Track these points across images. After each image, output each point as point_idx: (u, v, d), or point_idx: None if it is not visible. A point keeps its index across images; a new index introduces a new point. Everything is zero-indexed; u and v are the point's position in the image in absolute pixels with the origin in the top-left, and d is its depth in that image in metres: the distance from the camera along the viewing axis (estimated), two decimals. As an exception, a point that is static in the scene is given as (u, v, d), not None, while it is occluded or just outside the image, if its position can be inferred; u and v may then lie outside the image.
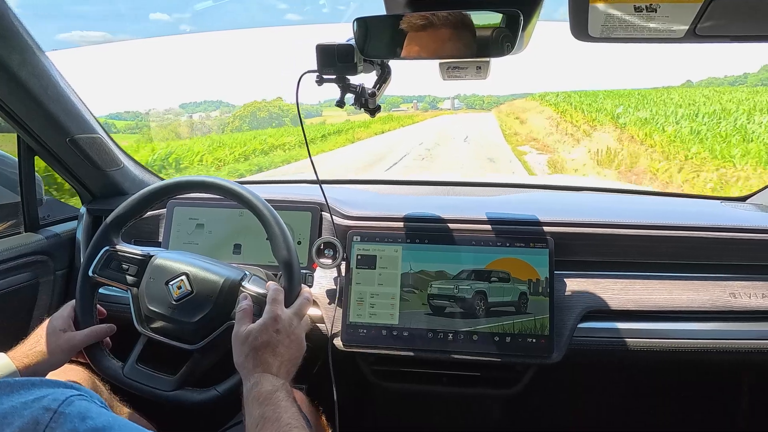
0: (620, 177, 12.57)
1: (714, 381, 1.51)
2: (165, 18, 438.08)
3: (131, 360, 1.01)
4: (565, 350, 1.12)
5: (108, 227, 1.05)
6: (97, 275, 1.03)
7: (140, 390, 0.99)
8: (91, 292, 1.04)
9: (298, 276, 0.99)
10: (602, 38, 0.75)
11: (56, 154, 1.31)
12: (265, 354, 0.86)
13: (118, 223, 1.06)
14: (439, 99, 78.23)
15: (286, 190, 1.48)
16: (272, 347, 0.87)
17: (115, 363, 1.02)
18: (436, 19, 0.83)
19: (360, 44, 0.90)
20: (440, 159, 18.18)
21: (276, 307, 0.92)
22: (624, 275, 1.20)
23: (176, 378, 0.99)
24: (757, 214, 1.36)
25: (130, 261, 1.03)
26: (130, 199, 1.05)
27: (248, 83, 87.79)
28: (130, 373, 1.00)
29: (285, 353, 0.88)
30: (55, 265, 1.37)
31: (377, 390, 1.29)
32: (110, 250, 1.04)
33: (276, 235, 0.99)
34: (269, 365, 0.86)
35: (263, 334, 0.88)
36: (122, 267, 1.03)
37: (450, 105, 73.01)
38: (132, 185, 1.50)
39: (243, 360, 0.87)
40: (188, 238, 1.33)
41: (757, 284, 1.18)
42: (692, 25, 0.69)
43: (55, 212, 1.47)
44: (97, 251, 1.04)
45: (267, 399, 0.80)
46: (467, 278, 1.16)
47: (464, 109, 68.01)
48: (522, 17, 0.79)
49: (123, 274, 1.03)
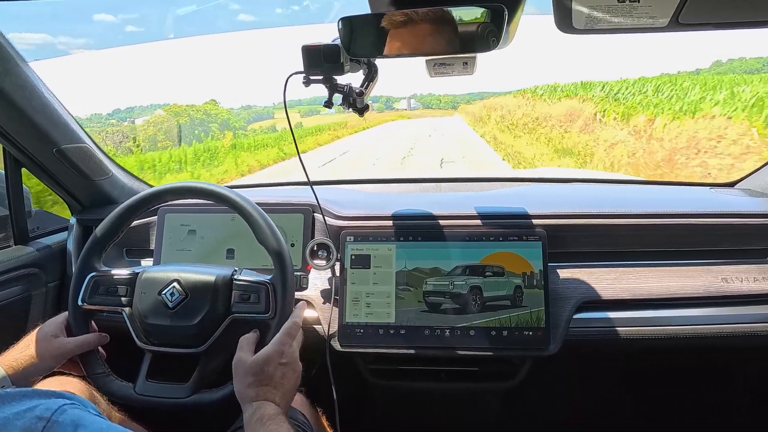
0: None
1: (709, 367, 1.53)
2: (110, 19, 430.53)
3: (141, 377, 0.99)
4: (561, 342, 1.13)
5: (88, 253, 1.04)
6: (86, 303, 1.01)
7: (156, 404, 0.98)
8: (84, 320, 1.02)
9: (291, 297, 0.99)
10: (587, 30, 0.76)
11: (43, 165, 1.30)
12: (269, 385, 0.86)
13: (98, 248, 1.05)
14: (395, 99, 76.59)
15: (277, 193, 1.48)
16: (277, 379, 0.87)
17: (122, 384, 1.00)
18: (416, 15, 0.83)
19: (346, 44, 0.89)
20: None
21: (288, 339, 0.91)
22: (617, 264, 1.21)
23: (190, 384, 0.98)
24: (746, 199, 1.38)
25: (118, 282, 1.02)
26: (104, 222, 1.04)
27: (195, 86, 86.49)
28: (142, 390, 0.98)
29: (286, 384, 0.88)
30: (47, 278, 1.36)
31: (376, 389, 1.29)
32: (95, 276, 1.02)
33: (257, 222, 0.99)
34: (272, 395, 0.85)
35: (269, 365, 0.87)
36: (111, 290, 1.02)
37: (406, 105, 71.73)
38: (121, 194, 1.48)
39: (245, 389, 0.86)
40: (180, 245, 1.32)
41: (748, 268, 1.20)
42: (674, 15, 0.70)
43: (45, 224, 1.46)
44: (82, 280, 1.02)
45: (271, 420, 0.80)
46: (462, 274, 1.17)
47: (421, 109, 67.06)
48: (506, 11, 0.80)
49: (113, 297, 1.02)
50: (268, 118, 46.65)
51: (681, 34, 0.79)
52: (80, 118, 1.25)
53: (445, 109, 57.53)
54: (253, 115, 48.99)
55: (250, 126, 39.69)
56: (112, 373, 1.01)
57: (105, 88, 64.64)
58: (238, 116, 42.83)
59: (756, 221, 1.21)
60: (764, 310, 1.17)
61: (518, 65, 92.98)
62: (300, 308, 0.99)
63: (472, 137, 26.30)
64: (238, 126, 34.57)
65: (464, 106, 52.28)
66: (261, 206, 1.02)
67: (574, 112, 17.15)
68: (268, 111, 51.42)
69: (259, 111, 51.40)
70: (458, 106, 60.54)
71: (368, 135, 33.32)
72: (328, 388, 1.10)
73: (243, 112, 51.25)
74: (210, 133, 27.73)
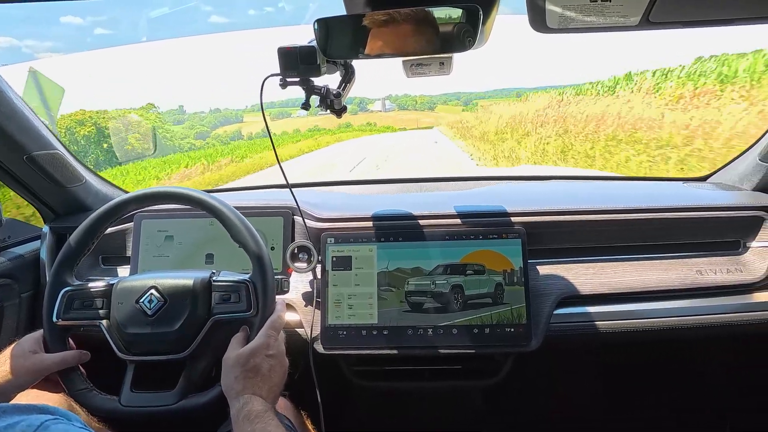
0: None
1: (689, 358, 1.56)
2: (78, 21, 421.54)
3: (126, 388, 0.97)
4: (542, 337, 1.14)
5: (59, 268, 1.01)
6: (62, 319, 0.99)
7: (143, 414, 0.96)
8: (61, 337, 1.00)
9: (272, 294, 0.98)
10: (560, 29, 0.77)
11: (13, 172, 1.27)
12: (255, 378, 0.85)
13: (70, 260, 1.02)
14: (369, 100, 73.91)
15: (256, 196, 1.47)
16: (264, 372, 0.86)
17: (106, 397, 0.97)
18: (398, 15, 0.84)
19: (322, 45, 0.89)
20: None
21: (274, 332, 0.91)
22: (595, 260, 1.24)
23: (176, 390, 0.96)
24: (718, 192, 1.41)
25: (93, 295, 1.00)
26: (76, 232, 1.02)
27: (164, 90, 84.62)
28: (128, 401, 0.96)
29: (274, 377, 0.88)
30: (20, 288, 1.32)
31: (360, 390, 1.28)
32: (69, 291, 1.00)
33: (233, 224, 0.99)
34: (259, 389, 0.85)
35: (255, 357, 0.87)
36: (86, 303, 1.00)
37: (381, 106, 69.12)
38: (95, 200, 1.45)
39: (231, 382, 0.86)
40: (158, 251, 1.30)
41: (721, 260, 1.23)
42: (645, 13, 0.71)
43: (17, 233, 1.42)
44: (55, 295, 1.00)
45: (259, 417, 0.79)
46: (443, 273, 1.17)
47: (396, 110, 65.11)
48: (481, 11, 0.80)
49: (90, 310, 1.00)
50: (237, 121, 45.26)
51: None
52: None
53: (422, 110, 56.64)
54: (221, 119, 47.79)
55: (215, 131, 38.25)
56: (95, 388, 0.99)
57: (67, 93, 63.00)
58: (202, 121, 40.53)
59: (727, 214, 1.24)
60: (737, 300, 1.20)
61: (495, 65, 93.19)
62: (282, 303, 0.99)
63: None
64: (199, 131, 31.92)
65: (441, 108, 49.92)
66: (240, 210, 1.01)
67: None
68: (238, 114, 50.09)
69: (227, 114, 50.18)
70: (435, 107, 59.79)
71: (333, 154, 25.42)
72: (312, 392, 1.09)
73: (209, 116, 49.80)
74: (125, 145, 23.81)
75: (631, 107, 11.50)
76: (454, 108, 57.22)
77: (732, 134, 7.77)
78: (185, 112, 52.95)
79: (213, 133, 37.56)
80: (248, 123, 37.76)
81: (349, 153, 24.63)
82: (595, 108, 13.06)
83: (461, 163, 17.33)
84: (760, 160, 1.30)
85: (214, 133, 37.52)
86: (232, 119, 46.79)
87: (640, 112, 10.96)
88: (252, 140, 32.76)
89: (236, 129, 37.75)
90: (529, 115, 17.03)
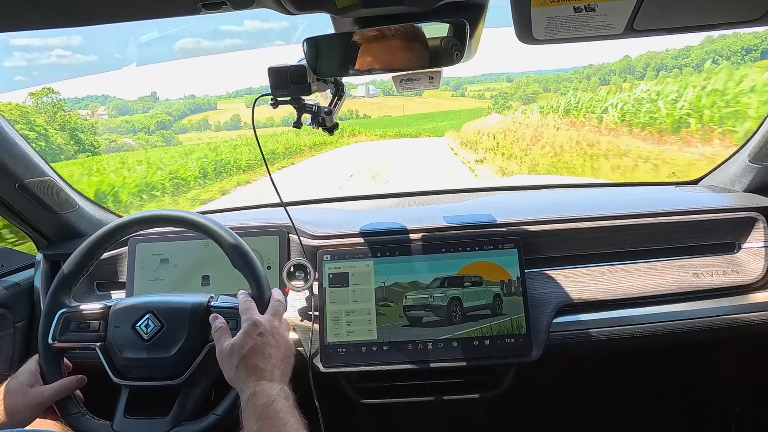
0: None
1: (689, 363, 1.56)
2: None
3: (119, 414, 0.96)
4: (543, 346, 1.14)
5: (56, 290, 1.01)
6: (57, 341, 0.98)
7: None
8: (55, 360, 0.99)
9: (265, 281, 0.98)
10: (547, 40, 0.78)
11: (6, 201, 1.26)
12: (255, 360, 0.85)
13: (67, 283, 1.02)
14: (352, 85, 74.21)
15: (251, 216, 1.46)
16: (260, 351, 0.86)
17: (99, 422, 0.96)
18: (388, 31, 0.85)
19: (312, 64, 0.90)
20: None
21: (252, 314, 0.91)
22: (592, 267, 1.24)
23: (170, 417, 0.94)
24: (710, 195, 1.42)
25: (90, 317, 0.99)
26: (72, 257, 1.02)
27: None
28: (120, 427, 0.94)
29: (275, 354, 0.87)
30: (14, 317, 1.30)
31: (362, 407, 1.27)
32: (66, 312, 0.99)
33: (228, 243, 0.99)
34: (262, 371, 0.84)
35: (247, 341, 0.87)
36: (82, 325, 0.99)
37: (364, 92, 66.91)
38: (89, 226, 1.45)
39: (234, 373, 0.85)
40: (153, 275, 1.29)
41: (717, 262, 1.23)
42: (629, 21, 0.72)
43: (10, 261, 1.41)
44: (51, 317, 0.99)
45: (264, 413, 0.78)
46: (441, 286, 1.17)
47: (381, 96, 63.69)
48: (468, 26, 0.81)
49: (86, 333, 0.99)
50: (209, 109, 43.58)
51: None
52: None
53: (409, 96, 55.18)
54: (191, 106, 45.79)
55: (179, 122, 35.97)
56: (88, 412, 0.97)
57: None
58: (169, 108, 36.84)
59: (721, 216, 1.25)
60: (735, 301, 1.21)
61: (484, 50, 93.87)
62: (278, 291, 1.00)
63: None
64: (160, 121, 28.74)
65: (430, 93, 47.96)
66: (235, 230, 1.01)
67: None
68: (212, 101, 48.43)
69: (200, 102, 48.60)
70: (423, 92, 59.26)
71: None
72: (313, 411, 1.08)
73: (178, 104, 47.38)
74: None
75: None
76: (444, 93, 56.14)
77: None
78: (158, 99, 51.12)
79: (176, 124, 35.70)
80: (220, 111, 36.08)
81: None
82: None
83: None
84: (749, 162, 1.31)
85: (177, 124, 35.73)
86: (204, 106, 45.25)
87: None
88: (219, 131, 30.98)
89: (203, 118, 36.14)
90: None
